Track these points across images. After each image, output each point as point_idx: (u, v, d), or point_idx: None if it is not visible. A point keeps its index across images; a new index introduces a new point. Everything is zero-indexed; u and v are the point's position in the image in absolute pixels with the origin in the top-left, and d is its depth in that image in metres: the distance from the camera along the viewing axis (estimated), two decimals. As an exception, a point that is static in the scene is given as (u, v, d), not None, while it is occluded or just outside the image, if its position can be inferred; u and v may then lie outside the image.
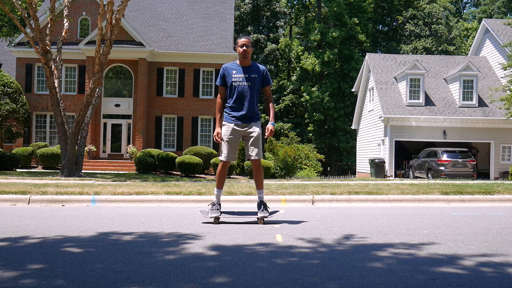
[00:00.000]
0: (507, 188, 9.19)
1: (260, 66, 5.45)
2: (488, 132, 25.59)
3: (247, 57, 5.31)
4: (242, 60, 5.34)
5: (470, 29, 52.11)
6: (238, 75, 5.32)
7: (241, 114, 5.33)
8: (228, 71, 5.35)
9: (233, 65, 5.40)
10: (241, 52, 5.29)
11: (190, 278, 2.92)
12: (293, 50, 45.16)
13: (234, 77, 5.31)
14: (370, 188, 9.09)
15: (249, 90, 5.31)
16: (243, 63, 5.36)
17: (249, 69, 5.35)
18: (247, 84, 5.30)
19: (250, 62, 5.40)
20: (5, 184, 9.14)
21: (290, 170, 20.82)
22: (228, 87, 5.36)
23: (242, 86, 5.30)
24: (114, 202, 7.69)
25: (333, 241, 4.26)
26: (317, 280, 2.89)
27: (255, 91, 5.36)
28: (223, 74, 5.37)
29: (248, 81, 5.31)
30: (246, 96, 5.31)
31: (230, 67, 5.39)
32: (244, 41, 5.31)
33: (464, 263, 3.41)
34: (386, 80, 27.97)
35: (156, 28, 29.63)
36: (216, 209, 5.39)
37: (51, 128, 27.24)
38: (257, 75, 5.35)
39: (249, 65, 5.38)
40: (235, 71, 5.34)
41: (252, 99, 5.35)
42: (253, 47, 5.42)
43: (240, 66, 5.37)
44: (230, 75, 5.33)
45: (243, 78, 5.31)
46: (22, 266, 3.21)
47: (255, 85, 5.34)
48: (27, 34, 15.94)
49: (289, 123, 45.09)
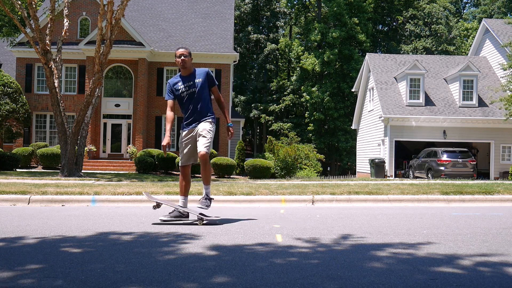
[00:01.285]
0: (507, 188, 9.19)
1: (201, 70, 5.52)
2: (488, 132, 25.58)
3: (186, 66, 5.41)
4: (183, 70, 5.45)
5: (470, 29, 52.10)
6: (183, 85, 5.43)
7: (191, 120, 5.45)
8: (174, 85, 5.47)
9: (176, 78, 5.52)
10: (179, 62, 5.40)
11: (190, 278, 2.92)
12: (293, 50, 45.16)
13: (180, 89, 5.43)
14: (370, 188, 9.09)
15: (196, 96, 5.41)
16: (184, 73, 5.47)
17: (191, 76, 5.45)
18: (192, 91, 5.41)
19: (192, 70, 5.48)
20: (5, 184, 9.14)
21: (290, 170, 20.81)
22: (178, 99, 5.47)
23: (188, 94, 5.41)
24: (114, 202, 7.69)
25: (333, 241, 4.26)
26: (317, 280, 2.89)
27: (203, 96, 5.44)
28: (170, 89, 5.49)
29: (192, 88, 5.41)
30: (193, 104, 5.41)
31: (174, 81, 5.50)
32: (181, 51, 5.42)
33: (464, 263, 3.41)
34: (386, 80, 27.97)
35: (156, 28, 29.63)
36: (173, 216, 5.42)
37: (51, 128, 27.24)
38: (201, 79, 5.43)
39: (191, 73, 5.47)
40: (180, 83, 5.45)
41: (199, 104, 5.42)
42: (191, 57, 5.51)
43: (182, 76, 5.48)
44: (176, 88, 5.45)
45: (188, 86, 5.41)
46: (22, 266, 3.21)
47: (202, 90, 5.42)
48: (27, 34, 15.94)
49: (289, 123, 45.09)
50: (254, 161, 20.34)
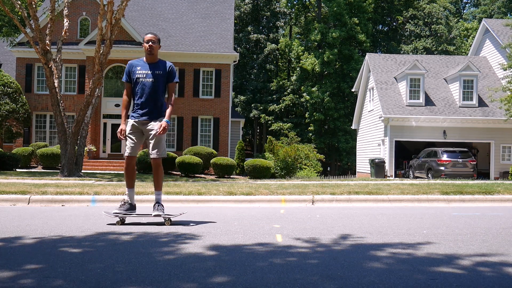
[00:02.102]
0: (507, 188, 9.19)
1: (167, 63, 5.40)
2: (488, 132, 25.58)
3: (153, 53, 5.28)
4: (148, 56, 5.31)
5: (470, 29, 52.09)
6: (143, 71, 5.27)
7: (144, 110, 5.27)
8: (133, 68, 5.31)
9: (138, 62, 5.36)
10: (147, 48, 5.26)
11: (190, 278, 2.92)
12: (293, 50, 45.15)
13: (139, 73, 5.27)
14: (370, 188, 9.09)
15: (153, 86, 5.25)
16: (148, 60, 5.32)
17: (154, 66, 5.31)
18: (151, 80, 5.25)
19: (157, 59, 5.35)
20: (5, 184, 9.14)
21: (290, 170, 20.80)
22: (133, 84, 5.31)
23: (145, 82, 5.25)
24: (114, 202, 7.69)
25: (333, 241, 4.26)
26: (317, 280, 2.89)
27: (159, 88, 5.28)
28: (128, 71, 5.32)
29: (152, 77, 5.25)
30: (150, 93, 5.25)
31: (135, 63, 5.34)
32: (150, 37, 5.29)
33: (464, 263, 3.41)
34: (386, 80, 27.97)
35: (156, 28, 29.63)
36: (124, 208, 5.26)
37: (51, 128, 27.23)
38: (162, 71, 5.30)
39: (155, 62, 5.33)
40: (140, 67, 5.30)
41: (156, 95, 5.27)
42: (159, 44, 5.38)
43: (146, 63, 5.33)
44: (134, 71, 5.29)
45: (147, 74, 5.26)
46: (22, 266, 3.21)
47: (159, 82, 5.28)
48: (27, 34, 15.94)
49: (289, 123, 45.07)
50: (254, 161, 20.34)
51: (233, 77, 39.12)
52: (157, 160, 5.22)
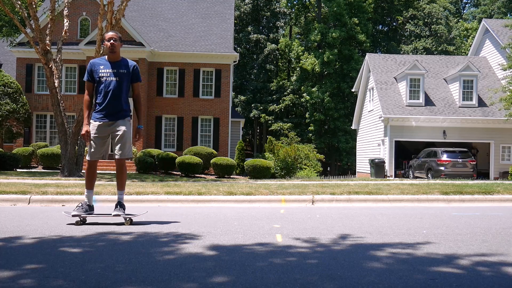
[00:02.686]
0: (507, 188, 9.19)
1: (130, 62, 5.29)
2: (488, 132, 25.58)
3: (115, 51, 5.17)
4: (110, 54, 5.19)
5: (470, 29, 52.09)
6: (106, 70, 5.16)
7: (108, 111, 5.15)
8: (96, 67, 5.19)
9: (101, 60, 5.24)
10: (108, 46, 5.15)
11: (190, 278, 2.92)
12: (293, 50, 45.15)
13: (102, 72, 5.15)
14: (370, 188, 9.09)
15: (117, 85, 5.14)
16: (111, 58, 5.21)
17: (117, 64, 5.19)
18: (114, 79, 5.14)
19: (120, 58, 5.24)
20: (5, 184, 9.15)
21: (290, 170, 20.80)
22: (96, 83, 5.20)
23: (109, 81, 5.14)
24: (114, 202, 7.68)
25: (333, 241, 4.26)
26: (317, 280, 2.89)
27: (124, 87, 5.18)
28: (90, 70, 5.19)
29: (116, 76, 5.14)
30: (113, 92, 5.14)
31: (97, 62, 5.22)
32: (111, 35, 5.18)
33: (463, 263, 3.41)
34: (386, 80, 27.97)
35: (156, 28, 29.63)
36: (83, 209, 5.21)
37: (51, 128, 27.23)
38: (126, 70, 5.20)
39: (118, 60, 5.22)
40: (103, 66, 5.18)
41: (120, 95, 5.17)
42: (121, 42, 5.29)
43: (108, 61, 5.21)
44: (97, 70, 5.17)
45: (110, 73, 5.14)
46: (22, 266, 3.21)
47: (124, 81, 5.17)
48: (27, 34, 15.94)
49: (289, 123, 45.08)
50: (254, 161, 20.34)
51: (233, 77, 39.12)
52: (122, 161, 5.16)
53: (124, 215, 5.22)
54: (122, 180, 5.29)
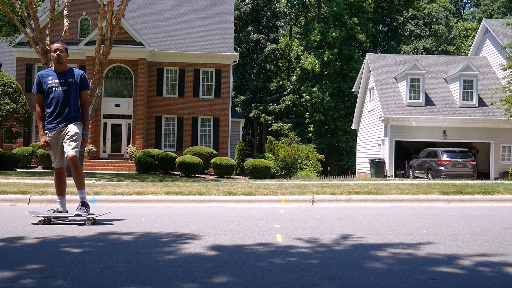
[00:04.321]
0: (507, 188, 9.19)
1: (77, 71, 5.40)
2: (488, 132, 25.58)
3: (62, 62, 5.28)
4: (57, 65, 5.30)
5: (470, 29, 52.08)
6: (54, 80, 5.28)
7: (59, 119, 5.29)
8: (44, 78, 5.30)
9: (48, 72, 5.35)
10: (55, 57, 5.25)
11: (190, 278, 2.92)
12: (293, 50, 45.15)
13: (50, 83, 5.27)
14: (370, 188, 9.09)
15: (65, 95, 5.26)
16: (58, 69, 5.32)
17: (64, 74, 5.31)
18: (62, 89, 5.26)
19: (67, 68, 5.36)
20: (5, 184, 9.15)
21: (290, 170, 20.80)
22: (45, 94, 5.31)
23: (58, 91, 5.26)
24: (114, 202, 7.69)
25: (333, 241, 4.26)
26: (317, 280, 2.89)
27: (72, 96, 5.30)
28: (39, 81, 5.31)
29: (64, 85, 5.26)
30: (62, 101, 5.26)
31: (45, 73, 5.33)
32: (57, 46, 5.28)
33: (464, 263, 3.41)
34: (386, 80, 27.97)
35: (156, 28, 29.63)
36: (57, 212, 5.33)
37: (51, 128, 27.19)
38: (73, 79, 5.31)
39: (65, 70, 5.33)
40: (51, 77, 5.29)
41: (69, 103, 5.29)
42: (67, 53, 5.38)
43: (55, 72, 5.32)
44: (46, 82, 5.28)
45: (58, 83, 5.26)
46: (22, 266, 3.21)
47: (72, 90, 5.30)
48: (27, 34, 15.94)
49: (289, 123, 45.08)
50: (254, 161, 20.34)
51: (233, 77, 39.12)
52: (74, 158, 5.16)
53: (87, 215, 5.24)
54: (79, 178, 5.29)
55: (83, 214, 5.19)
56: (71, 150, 5.16)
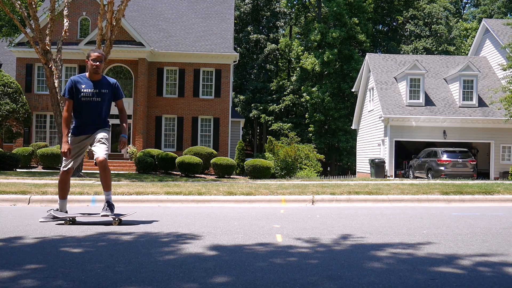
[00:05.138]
0: (507, 188, 9.19)
1: (111, 80, 5.34)
2: (488, 132, 25.58)
3: (99, 72, 5.23)
4: (93, 74, 5.23)
5: (470, 29, 52.08)
6: (88, 90, 5.20)
7: (89, 128, 5.26)
8: (77, 84, 5.21)
9: (82, 79, 5.26)
10: (93, 66, 5.18)
11: (190, 278, 2.92)
12: (293, 50, 45.15)
13: (83, 92, 5.18)
14: (370, 188, 9.09)
15: (98, 105, 5.23)
16: (93, 77, 5.25)
17: (99, 84, 5.25)
18: (95, 100, 5.21)
19: (101, 76, 5.30)
20: (5, 184, 9.14)
21: (290, 170, 20.80)
22: (76, 101, 5.22)
23: (90, 101, 5.20)
24: (114, 202, 7.67)
25: (333, 241, 4.26)
26: (317, 280, 2.89)
27: (104, 106, 5.29)
28: (71, 87, 5.20)
29: (97, 96, 5.21)
30: (93, 112, 5.23)
31: (79, 80, 5.24)
32: (97, 55, 5.21)
33: (464, 263, 3.41)
34: (386, 80, 27.97)
35: (156, 28, 29.63)
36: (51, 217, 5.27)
37: (51, 128, 27.24)
38: (108, 90, 5.27)
39: (99, 80, 5.27)
40: (84, 86, 5.21)
41: (101, 113, 5.27)
42: (104, 62, 5.34)
43: (89, 80, 5.25)
44: (78, 89, 5.19)
45: (92, 93, 5.19)
46: (22, 266, 3.21)
47: (105, 101, 5.28)
48: (27, 34, 15.94)
49: (289, 123, 45.08)
50: (254, 161, 20.34)
51: (233, 77, 39.12)
52: (104, 162, 5.17)
53: (112, 215, 5.22)
54: (107, 180, 5.31)
55: (109, 214, 5.19)
56: (102, 153, 5.15)
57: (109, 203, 5.25)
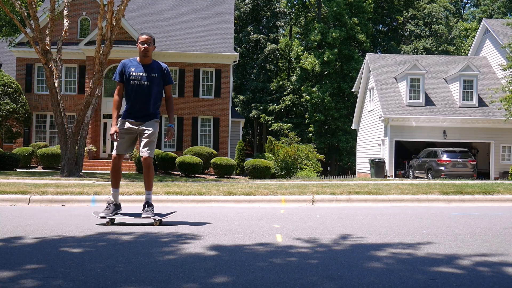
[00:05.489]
0: (507, 188, 9.19)
1: (162, 65, 5.25)
2: (488, 132, 25.58)
3: (148, 55, 5.14)
4: (143, 58, 5.16)
5: (470, 29, 52.09)
6: (137, 73, 5.12)
7: (139, 113, 5.15)
8: (127, 68, 5.14)
9: (132, 62, 5.19)
10: (142, 49, 5.10)
11: (190, 278, 2.92)
12: (293, 50, 45.15)
13: (133, 75, 5.11)
14: (370, 188, 9.09)
15: (147, 89, 5.12)
16: (143, 61, 5.17)
17: (149, 68, 5.16)
18: (145, 83, 5.11)
19: (151, 60, 5.21)
20: (5, 184, 9.14)
21: (290, 170, 20.80)
22: (126, 84, 5.16)
23: (140, 84, 5.11)
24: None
25: (333, 241, 4.26)
26: (317, 280, 2.89)
27: (154, 90, 5.15)
28: (121, 70, 5.14)
29: (147, 80, 5.11)
30: (144, 95, 5.12)
31: (129, 63, 5.17)
32: (145, 38, 5.12)
33: (464, 263, 3.41)
34: (386, 80, 27.97)
35: (156, 28, 29.63)
36: (110, 210, 5.18)
37: (51, 128, 27.23)
38: (157, 74, 5.17)
39: (149, 63, 5.18)
40: (134, 69, 5.13)
41: (150, 98, 5.14)
42: (154, 45, 5.24)
43: (140, 64, 5.17)
44: (128, 72, 5.12)
45: (141, 76, 5.11)
46: (22, 266, 3.21)
47: (154, 84, 5.15)
48: (27, 34, 15.94)
49: (289, 123, 45.08)
50: (254, 161, 20.34)
51: (233, 77, 39.12)
52: (149, 160, 5.11)
53: (153, 216, 5.18)
54: (150, 180, 5.23)
55: (150, 215, 5.14)
56: (147, 151, 5.07)
57: (149, 203, 5.21)
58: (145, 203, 5.22)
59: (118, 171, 5.28)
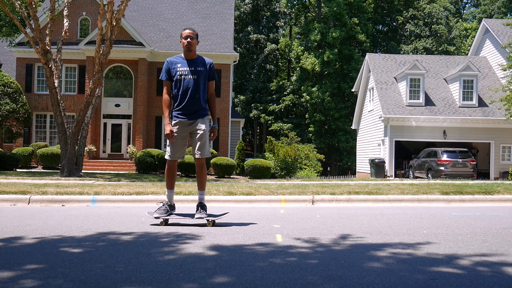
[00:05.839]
0: (507, 188, 9.19)
1: (206, 59, 5.20)
2: (488, 132, 25.58)
3: (192, 49, 5.08)
4: (187, 53, 5.10)
5: (470, 29, 52.10)
6: (183, 68, 5.06)
7: (187, 110, 5.06)
8: (173, 65, 5.09)
9: (177, 58, 5.15)
10: (185, 44, 5.05)
11: (190, 278, 2.92)
12: (293, 50, 45.15)
13: (179, 71, 5.05)
14: (370, 188, 9.09)
15: (195, 83, 5.05)
16: (188, 56, 5.12)
17: (194, 62, 5.10)
18: (192, 78, 5.04)
19: (196, 55, 5.16)
20: (5, 184, 9.14)
21: (290, 170, 20.81)
22: (174, 81, 5.10)
23: (188, 79, 5.04)
24: (114, 202, 7.69)
25: (333, 241, 4.26)
26: (317, 280, 2.89)
27: (202, 85, 5.08)
28: (168, 68, 5.09)
29: (193, 74, 5.05)
30: (192, 91, 5.04)
31: (174, 60, 5.12)
32: (188, 32, 5.07)
33: (464, 263, 3.41)
34: (386, 80, 27.97)
35: (156, 28, 29.63)
36: (164, 210, 5.18)
37: (51, 128, 27.23)
38: (203, 68, 5.11)
39: (194, 58, 5.13)
40: (180, 64, 5.08)
41: (199, 93, 5.07)
42: (198, 40, 5.18)
43: (184, 59, 5.12)
44: (174, 69, 5.07)
45: (188, 71, 5.05)
46: (22, 266, 3.21)
47: (201, 78, 5.08)
48: (27, 34, 15.94)
49: (289, 123, 45.08)
50: (254, 161, 20.34)
51: (233, 77, 39.10)
52: (201, 161, 5.09)
53: (206, 216, 5.15)
54: (203, 180, 5.19)
55: (204, 216, 5.11)
56: (200, 153, 5.05)
57: (202, 204, 5.17)
58: (198, 203, 5.18)
59: (173, 173, 5.26)
